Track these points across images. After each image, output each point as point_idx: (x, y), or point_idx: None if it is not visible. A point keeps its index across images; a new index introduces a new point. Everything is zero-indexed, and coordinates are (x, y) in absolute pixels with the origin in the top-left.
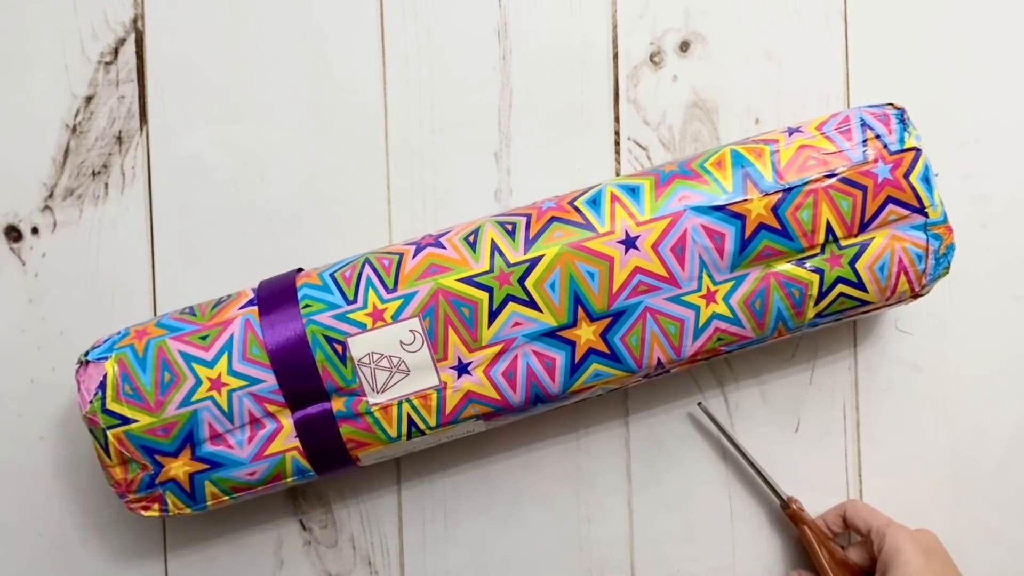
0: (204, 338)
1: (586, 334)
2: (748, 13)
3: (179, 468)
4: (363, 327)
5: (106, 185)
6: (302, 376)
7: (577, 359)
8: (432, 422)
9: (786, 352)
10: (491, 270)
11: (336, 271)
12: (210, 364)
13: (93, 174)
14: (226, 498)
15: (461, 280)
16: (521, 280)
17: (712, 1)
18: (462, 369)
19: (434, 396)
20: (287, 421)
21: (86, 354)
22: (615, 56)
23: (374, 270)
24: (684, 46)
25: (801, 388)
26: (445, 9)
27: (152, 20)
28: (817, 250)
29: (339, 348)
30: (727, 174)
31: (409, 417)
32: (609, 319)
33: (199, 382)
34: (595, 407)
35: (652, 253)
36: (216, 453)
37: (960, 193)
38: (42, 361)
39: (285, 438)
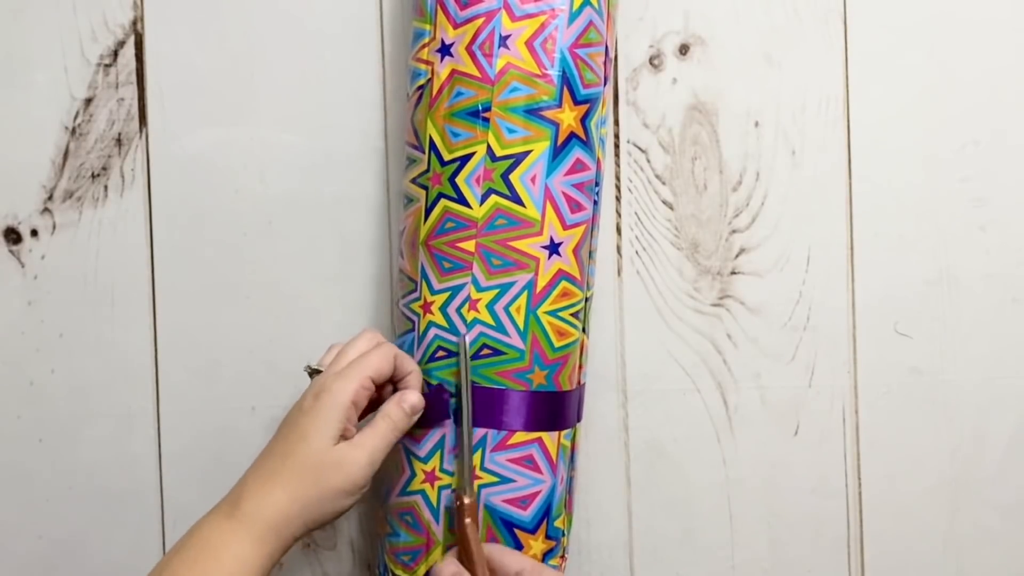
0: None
1: (568, 119)
2: (747, 16)
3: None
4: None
5: (105, 187)
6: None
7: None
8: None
9: (786, 354)
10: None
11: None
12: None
13: (92, 176)
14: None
15: (427, 229)
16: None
17: (711, 4)
18: (553, 249)
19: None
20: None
21: None
22: (615, 59)
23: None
24: (683, 49)
25: (800, 391)
26: None
27: (151, 22)
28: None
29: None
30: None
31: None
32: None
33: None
34: (595, 410)
35: None
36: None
37: (959, 195)
38: (41, 363)
39: None
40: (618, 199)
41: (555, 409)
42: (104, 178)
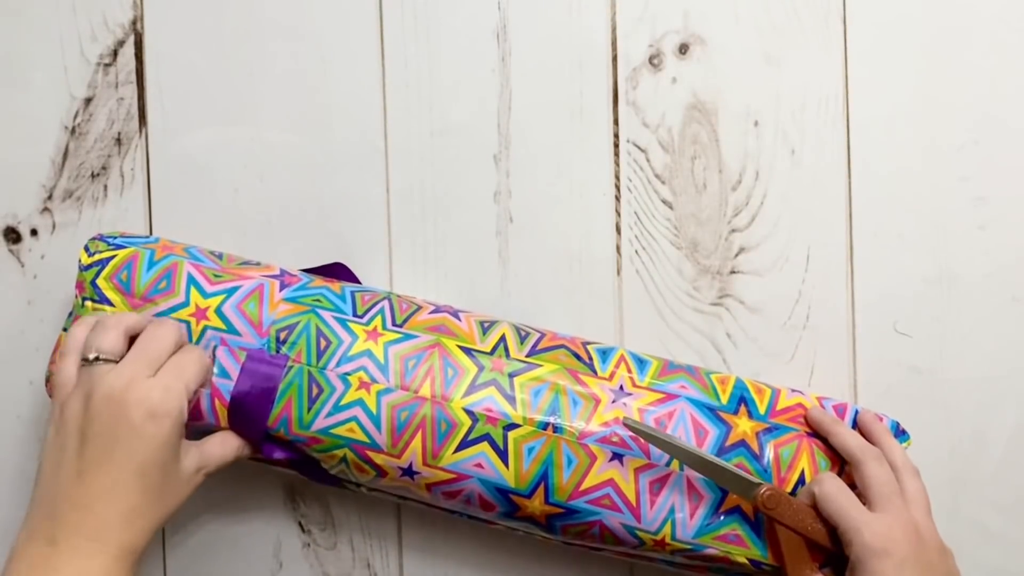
0: (217, 276)
1: (534, 509)
2: (747, 15)
3: None
4: (354, 338)
5: (105, 187)
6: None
7: (515, 518)
8: (362, 480)
9: (785, 354)
10: (491, 353)
11: (357, 291)
12: (206, 295)
13: (92, 176)
14: None
15: (461, 347)
16: (512, 374)
17: (711, 3)
18: (408, 472)
19: (372, 473)
20: None
21: (109, 235)
22: (614, 58)
23: (391, 306)
24: (683, 48)
25: (800, 390)
26: (444, 11)
27: (151, 22)
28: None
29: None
30: (727, 391)
31: (345, 460)
32: (562, 511)
33: (187, 303)
34: None
35: (636, 415)
36: None
37: (959, 195)
38: (41, 363)
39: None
40: (617, 199)
41: None
42: (104, 178)
